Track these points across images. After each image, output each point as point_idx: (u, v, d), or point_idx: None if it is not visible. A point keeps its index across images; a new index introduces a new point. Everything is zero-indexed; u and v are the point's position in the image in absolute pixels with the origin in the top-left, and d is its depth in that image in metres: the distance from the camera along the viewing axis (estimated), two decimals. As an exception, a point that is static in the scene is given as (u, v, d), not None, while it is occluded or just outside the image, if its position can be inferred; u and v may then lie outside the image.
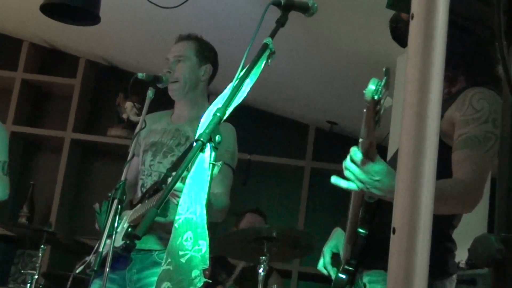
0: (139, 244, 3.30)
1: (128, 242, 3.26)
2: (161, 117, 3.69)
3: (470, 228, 4.21)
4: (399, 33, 2.69)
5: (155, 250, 3.33)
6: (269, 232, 4.10)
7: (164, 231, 3.27)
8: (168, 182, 2.38)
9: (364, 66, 4.83)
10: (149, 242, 3.34)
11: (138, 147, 3.62)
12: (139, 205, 3.40)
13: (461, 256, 3.98)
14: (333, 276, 2.62)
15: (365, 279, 2.55)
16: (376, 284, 2.51)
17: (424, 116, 1.10)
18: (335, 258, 2.70)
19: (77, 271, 3.38)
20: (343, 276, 2.56)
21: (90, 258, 3.08)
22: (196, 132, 2.26)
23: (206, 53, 3.64)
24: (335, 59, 5.03)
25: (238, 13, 4.77)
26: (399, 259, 1.07)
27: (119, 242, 3.32)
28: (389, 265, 1.08)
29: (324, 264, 2.67)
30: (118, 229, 3.42)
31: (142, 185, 3.53)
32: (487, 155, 2.39)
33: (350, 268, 2.55)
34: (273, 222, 5.65)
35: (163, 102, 3.68)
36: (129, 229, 3.35)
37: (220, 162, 2.55)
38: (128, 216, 3.45)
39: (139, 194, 3.53)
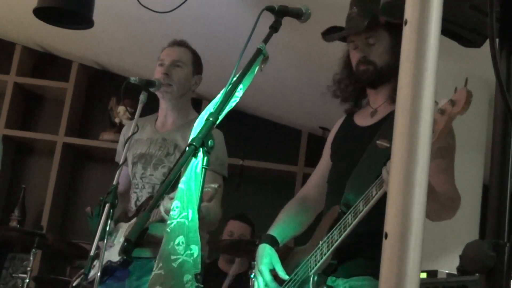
0: (137, 252, 3.30)
1: (125, 257, 3.26)
2: (145, 124, 3.66)
3: (462, 234, 4.22)
4: None
5: (153, 258, 3.31)
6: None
7: None
8: (160, 187, 2.39)
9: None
10: (147, 252, 3.33)
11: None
12: (135, 219, 3.39)
13: (452, 262, 3.99)
14: None
15: (345, 284, 2.58)
16: None
17: (417, 122, 1.10)
18: (274, 274, 2.74)
19: (74, 284, 3.37)
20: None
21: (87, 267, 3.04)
22: (184, 139, 2.27)
23: (199, 63, 3.65)
24: (328, 65, 5.03)
25: (231, 18, 4.77)
26: (391, 264, 1.07)
27: (116, 257, 3.32)
28: (380, 270, 1.09)
29: (266, 283, 2.71)
30: (114, 242, 3.42)
31: (137, 199, 3.50)
32: (452, 164, 2.53)
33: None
34: (264, 227, 5.64)
35: (156, 106, 3.68)
36: (125, 244, 3.33)
37: (217, 185, 2.57)
38: (124, 230, 3.44)
39: (134, 208, 3.51)
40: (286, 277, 2.69)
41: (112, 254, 3.35)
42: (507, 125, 1.35)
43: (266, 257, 2.76)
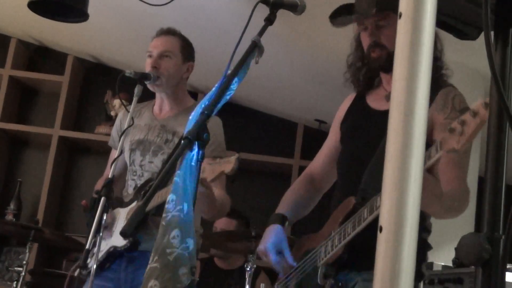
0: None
1: (132, 241, 3.27)
2: (142, 110, 3.66)
3: (457, 227, 4.22)
4: None
5: (149, 251, 3.31)
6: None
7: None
8: (156, 179, 2.39)
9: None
10: (144, 244, 3.33)
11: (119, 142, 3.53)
12: (135, 203, 3.39)
13: (448, 254, 3.99)
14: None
15: (357, 277, 2.53)
16: (369, 282, 2.49)
17: (411, 115, 1.10)
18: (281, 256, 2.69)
19: (75, 274, 3.38)
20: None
21: (82, 259, 3.05)
22: (183, 126, 2.26)
23: (189, 50, 3.63)
24: (324, 58, 5.03)
25: (226, 11, 4.76)
26: (386, 258, 1.07)
27: (121, 242, 3.32)
28: (375, 264, 1.09)
29: (272, 262, 2.66)
30: (113, 229, 3.42)
31: (135, 187, 3.50)
32: (466, 156, 2.50)
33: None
34: (260, 220, 5.65)
35: (151, 98, 3.68)
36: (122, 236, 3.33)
37: (236, 155, 2.56)
38: (124, 215, 3.43)
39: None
40: (293, 263, 2.64)
41: (116, 240, 3.35)
42: (502, 118, 1.35)
43: (275, 237, 2.68)
